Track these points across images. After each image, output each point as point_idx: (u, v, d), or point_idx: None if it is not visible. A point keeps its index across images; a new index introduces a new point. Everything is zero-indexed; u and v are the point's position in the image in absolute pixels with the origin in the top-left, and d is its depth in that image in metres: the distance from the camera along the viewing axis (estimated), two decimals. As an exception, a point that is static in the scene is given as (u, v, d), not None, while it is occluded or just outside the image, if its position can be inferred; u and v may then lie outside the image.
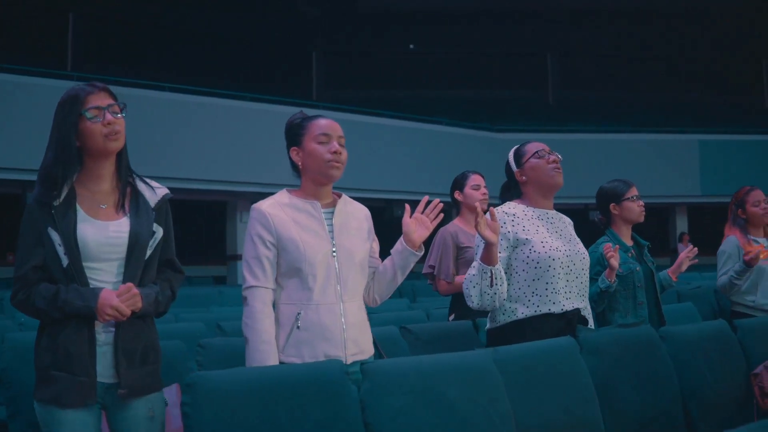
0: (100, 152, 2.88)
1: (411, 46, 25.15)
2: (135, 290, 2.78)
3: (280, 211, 3.24)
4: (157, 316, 3.02)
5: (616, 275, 4.45)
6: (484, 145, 18.81)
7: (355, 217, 3.39)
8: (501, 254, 3.73)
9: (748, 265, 5.36)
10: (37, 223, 2.81)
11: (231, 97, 16.21)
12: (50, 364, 2.79)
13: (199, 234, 18.82)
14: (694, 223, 21.46)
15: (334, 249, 3.24)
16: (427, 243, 3.72)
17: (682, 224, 21.43)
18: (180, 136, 14.74)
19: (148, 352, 2.93)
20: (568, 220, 4.05)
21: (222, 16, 21.14)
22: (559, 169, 3.89)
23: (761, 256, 5.41)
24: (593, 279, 4.48)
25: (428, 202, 3.38)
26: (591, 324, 3.96)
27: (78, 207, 2.85)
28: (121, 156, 2.97)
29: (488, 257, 3.57)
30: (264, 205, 3.26)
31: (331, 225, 3.28)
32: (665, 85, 25.06)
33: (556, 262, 3.74)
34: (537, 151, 3.91)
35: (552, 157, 3.89)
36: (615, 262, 4.37)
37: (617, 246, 4.45)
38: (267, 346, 3.10)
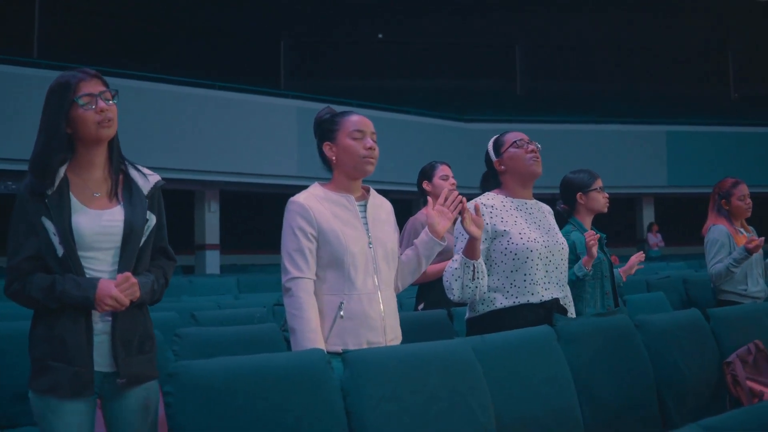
0: (92, 140, 2.84)
1: (379, 36, 25.12)
2: (133, 279, 2.76)
3: (318, 204, 3.31)
4: (151, 304, 3.01)
5: None
6: (453, 135, 18.86)
7: (384, 210, 3.52)
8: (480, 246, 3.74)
9: (750, 252, 5.41)
10: (29, 212, 2.77)
11: (198, 85, 16.08)
12: (47, 354, 2.76)
13: (167, 223, 18.68)
14: (660, 213, 21.62)
15: (370, 240, 3.34)
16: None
17: (648, 214, 21.57)
18: (146, 124, 14.59)
19: (144, 341, 2.92)
20: (547, 208, 4.08)
21: (190, 4, 21.01)
22: (537, 158, 3.90)
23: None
24: None
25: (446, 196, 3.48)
26: (572, 312, 3.99)
27: (71, 196, 2.81)
28: (113, 143, 2.94)
29: (471, 251, 3.59)
30: (302, 198, 3.32)
31: (365, 217, 3.39)
32: (633, 76, 25.23)
33: (534, 254, 3.76)
34: (516, 141, 3.92)
35: (531, 147, 3.90)
36: (596, 250, 4.41)
37: (598, 234, 4.48)
38: (315, 335, 3.17)
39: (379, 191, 3.58)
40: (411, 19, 23.88)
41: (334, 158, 3.38)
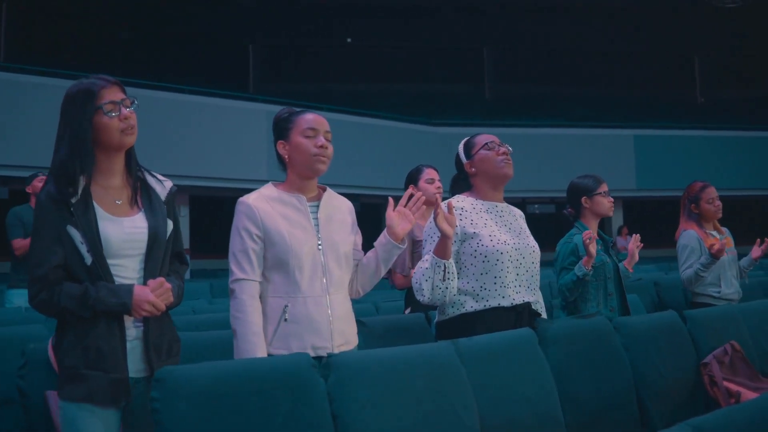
0: (114, 147, 2.85)
1: (348, 40, 25.10)
2: (167, 284, 2.78)
3: (266, 204, 3.27)
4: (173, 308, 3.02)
5: None
6: (422, 139, 18.84)
7: (339, 210, 3.44)
8: None
9: (715, 257, 5.46)
10: (53, 220, 2.74)
11: (167, 89, 15.95)
12: (80, 363, 2.73)
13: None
14: (629, 216, 21.75)
15: (319, 242, 3.28)
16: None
17: (617, 218, 21.69)
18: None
19: (172, 344, 2.95)
20: (518, 212, 4.05)
21: (159, 7, 20.87)
22: (508, 160, 3.88)
23: (726, 247, 5.53)
24: (568, 269, 4.56)
25: (410, 196, 3.43)
26: (544, 317, 3.98)
27: (95, 203, 2.80)
28: (130, 151, 2.94)
29: (442, 250, 3.56)
30: (250, 199, 3.28)
31: (317, 218, 3.33)
32: (601, 81, 25.34)
33: (504, 256, 3.72)
34: (486, 143, 3.91)
35: (502, 149, 3.89)
36: (593, 249, 4.43)
37: (594, 235, 4.51)
38: (256, 338, 3.13)
39: (348, 195, 3.56)
40: (380, 24, 23.88)
41: (286, 156, 3.36)
